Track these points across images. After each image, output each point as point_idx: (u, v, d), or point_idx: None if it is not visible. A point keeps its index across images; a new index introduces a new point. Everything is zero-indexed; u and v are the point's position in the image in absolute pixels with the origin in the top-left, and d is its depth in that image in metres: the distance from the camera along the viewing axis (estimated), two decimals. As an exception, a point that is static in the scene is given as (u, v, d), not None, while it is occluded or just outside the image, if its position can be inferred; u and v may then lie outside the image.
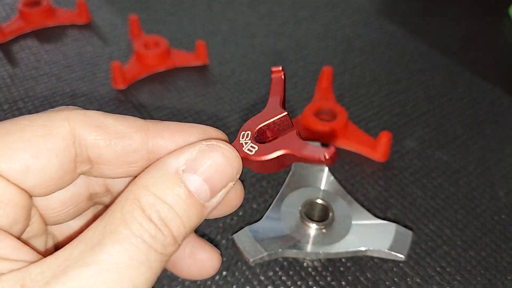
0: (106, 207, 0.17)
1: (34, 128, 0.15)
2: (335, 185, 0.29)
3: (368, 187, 0.32)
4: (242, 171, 0.17)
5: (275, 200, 0.28)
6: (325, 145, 0.32)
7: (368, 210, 0.29)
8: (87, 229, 0.15)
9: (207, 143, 0.16)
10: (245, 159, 0.18)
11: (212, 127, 0.17)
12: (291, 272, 0.27)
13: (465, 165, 0.34)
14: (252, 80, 0.40)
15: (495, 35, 0.49)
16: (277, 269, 0.27)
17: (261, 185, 0.31)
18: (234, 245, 0.28)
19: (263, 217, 0.27)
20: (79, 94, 0.38)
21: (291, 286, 0.26)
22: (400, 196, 0.31)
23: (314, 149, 0.17)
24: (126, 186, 0.16)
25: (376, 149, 0.33)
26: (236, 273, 0.27)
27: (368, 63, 0.43)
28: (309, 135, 0.34)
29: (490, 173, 0.34)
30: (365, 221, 0.27)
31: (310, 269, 0.27)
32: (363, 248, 0.26)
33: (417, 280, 0.27)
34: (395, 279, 0.27)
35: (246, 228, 0.26)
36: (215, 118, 0.36)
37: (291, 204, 0.28)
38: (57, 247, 0.18)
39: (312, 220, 0.27)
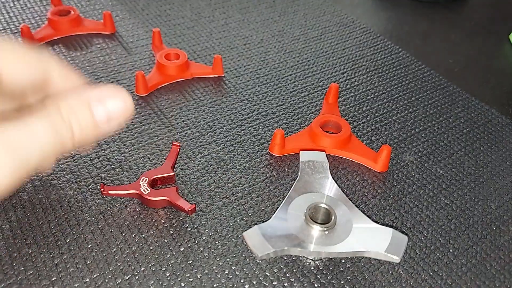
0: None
1: None
2: (338, 192, 0.32)
3: (368, 195, 0.34)
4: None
5: (283, 202, 0.31)
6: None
7: (368, 216, 0.32)
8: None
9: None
10: (141, 196, 0.30)
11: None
12: (294, 270, 0.29)
13: (459, 179, 0.37)
14: (264, 93, 0.43)
15: (494, 60, 0.52)
16: (282, 266, 0.29)
17: (269, 189, 0.34)
18: (243, 242, 0.30)
19: (272, 217, 0.30)
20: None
21: (294, 282, 0.28)
22: (398, 205, 0.34)
23: (183, 203, 0.29)
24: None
25: (377, 161, 0.36)
26: (244, 269, 0.29)
27: (372, 81, 0.46)
28: (316, 146, 0.37)
29: (483, 187, 0.36)
30: (365, 225, 0.29)
31: (312, 268, 0.29)
32: (362, 249, 0.28)
33: (411, 282, 0.29)
34: (390, 280, 0.29)
35: (256, 227, 0.28)
36: (228, 126, 0.39)
37: (297, 207, 0.30)
38: None
39: (316, 222, 0.29)
